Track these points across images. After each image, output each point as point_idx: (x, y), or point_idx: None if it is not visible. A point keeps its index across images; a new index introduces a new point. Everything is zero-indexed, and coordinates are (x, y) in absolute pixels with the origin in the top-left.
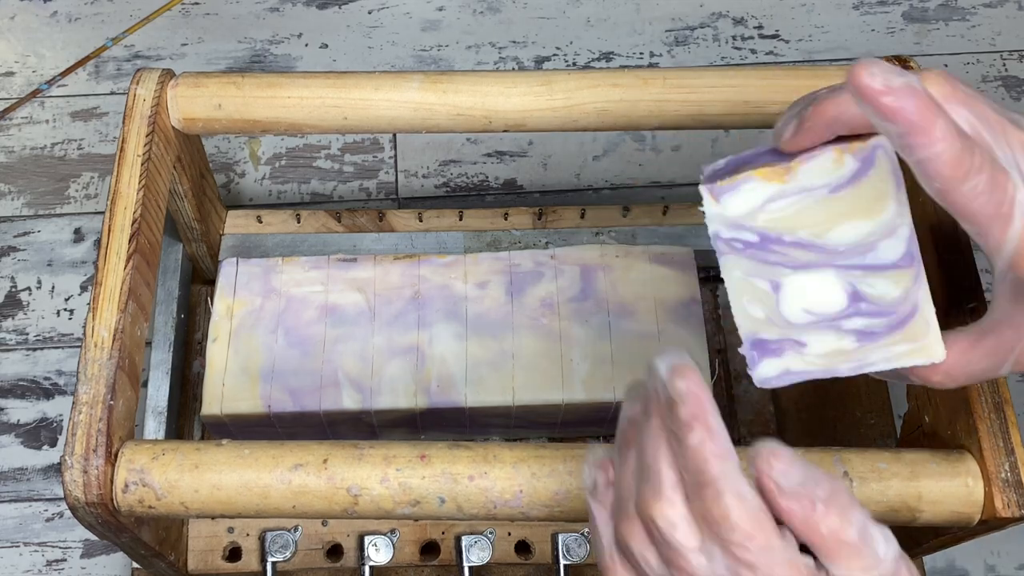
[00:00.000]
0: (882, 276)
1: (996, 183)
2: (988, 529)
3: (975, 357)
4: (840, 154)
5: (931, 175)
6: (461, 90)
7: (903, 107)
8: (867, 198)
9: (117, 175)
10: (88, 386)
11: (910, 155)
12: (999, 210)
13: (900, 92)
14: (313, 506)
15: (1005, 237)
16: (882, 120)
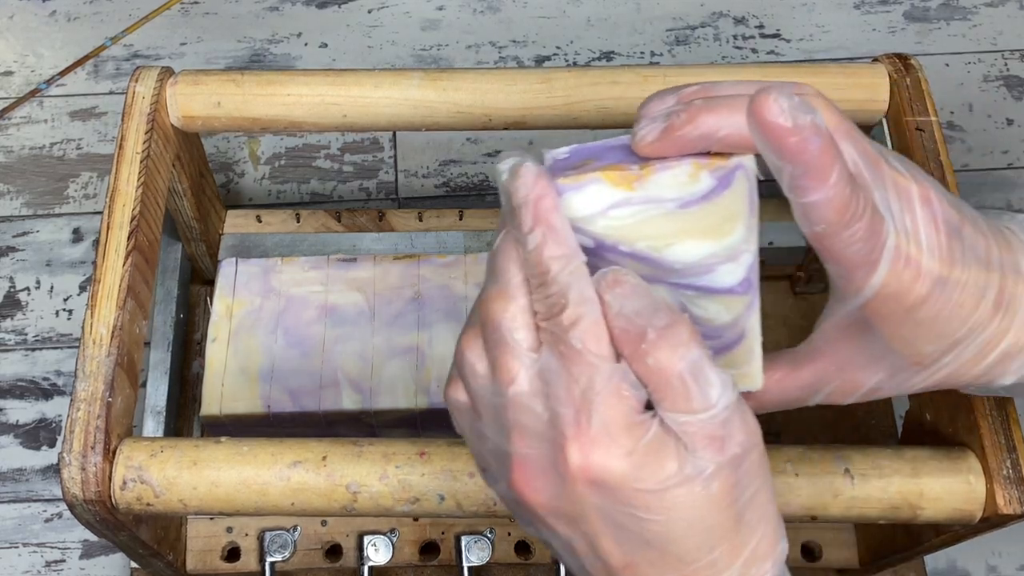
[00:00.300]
0: (714, 300)
1: (873, 230)
2: (990, 527)
3: (790, 386)
4: (697, 169)
5: (815, 219)
6: (461, 88)
7: (806, 150)
8: (716, 218)
9: (116, 172)
10: (86, 383)
11: (798, 196)
12: (868, 257)
13: (806, 132)
14: (312, 503)
15: (867, 283)
16: (778, 158)
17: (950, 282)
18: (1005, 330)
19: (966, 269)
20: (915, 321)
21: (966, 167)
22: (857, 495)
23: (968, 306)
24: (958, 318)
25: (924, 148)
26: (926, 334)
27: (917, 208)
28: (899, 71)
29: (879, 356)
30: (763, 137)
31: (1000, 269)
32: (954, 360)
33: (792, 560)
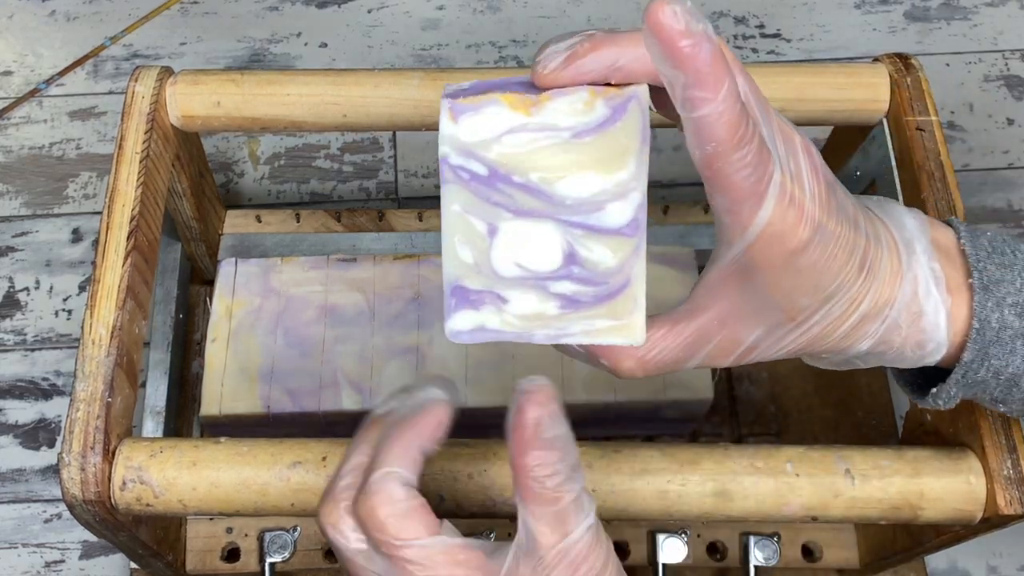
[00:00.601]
0: (602, 240)
1: (762, 158)
2: (990, 527)
3: (670, 345)
4: (593, 97)
5: (705, 136)
6: None
7: (699, 55)
8: (608, 151)
9: (115, 172)
10: (86, 383)
11: (690, 110)
12: (757, 188)
13: (699, 38)
14: (312, 504)
15: (754, 219)
16: (671, 66)
17: (827, 231)
18: (866, 291)
19: (840, 224)
20: (795, 268)
21: (967, 167)
22: (858, 495)
23: (840, 260)
24: (831, 271)
25: (925, 148)
26: (803, 284)
27: (800, 155)
28: (900, 71)
29: (758, 309)
30: (656, 41)
31: (865, 233)
32: (824, 317)
33: (792, 560)
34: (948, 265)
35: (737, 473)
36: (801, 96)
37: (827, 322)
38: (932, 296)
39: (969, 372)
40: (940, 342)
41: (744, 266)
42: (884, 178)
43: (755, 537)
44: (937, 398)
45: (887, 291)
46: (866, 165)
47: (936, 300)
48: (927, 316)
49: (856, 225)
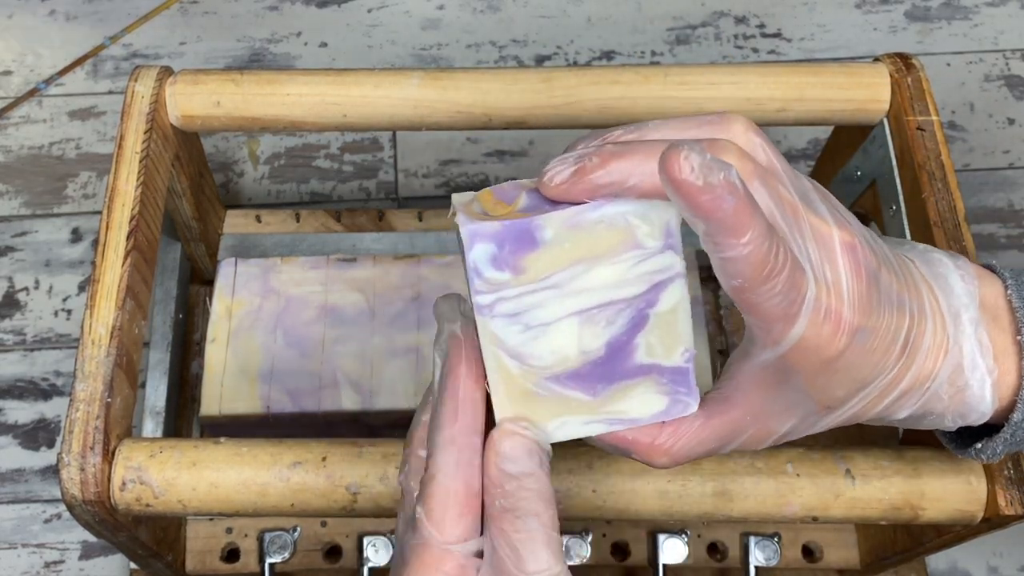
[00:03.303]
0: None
1: (794, 283)
2: (991, 527)
3: (702, 438)
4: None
5: (731, 272)
6: (461, 87)
7: (720, 208)
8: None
9: (115, 172)
10: (85, 383)
11: (714, 251)
12: (788, 311)
13: (719, 191)
14: (312, 504)
15: (785, 336)
16: (691, 214)
17: (867, 330)
18: (906, 370)
19: (881, 316)
20: (832, 370)
21: (967, 167)
22: (858, 496)
23: (880, 351)
24: (870, 364)
25: (925, 148)
26: (840, 380)
27: (839, 256)
28: (900, 71)
29: (792, 404)
30: (675, 193)
31: (909, 312)
32: (860, 402)
33: (793, 561)
34: (995, 328)
35: (737, 473)
36: (801, 96)
37: (863, 405)
38: (978, 369)
39: (1018, 431)
40: (984, 411)
41: (777, 368)
42: (885, 178)
43: (755, 537)
44: (981, 453)
45: (929, 365)
46: (867, 165)
47: (982, 372)
48: (972, 389)
49: (900, 306)
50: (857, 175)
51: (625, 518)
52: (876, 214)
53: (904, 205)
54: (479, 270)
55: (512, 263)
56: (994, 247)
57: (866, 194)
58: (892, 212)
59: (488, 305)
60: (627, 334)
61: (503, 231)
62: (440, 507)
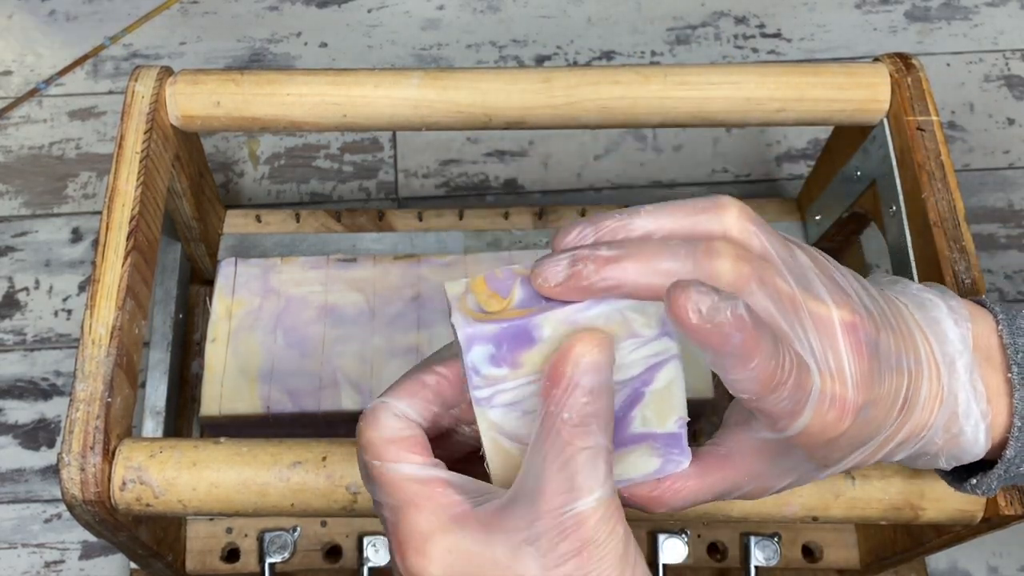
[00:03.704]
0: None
1: (799, 385)
2: (991, 527)
3: (700, 490)
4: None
5: (739, 390)
6: (461, 87)
7: (728, 343)
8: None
9: (115, 172)
10: (85, 383)
11: (723, 374)
12: (794, 409)
13: (727, 329)
14: (312, 504)
15: (791, 427)
16: (700, 346)
17: (872, 402)
18: (903, 425)
19: (883, 386)
20: (835, 445)
21: (967, 167)
22: (858, 496)
23: (882, 417)
24: (870, 430)
25: (925, 148)
26: (842, 448)
27: (840, 339)
28: (900, 71)
29: (792, 468)
30: (683, 331)
31: (907, 370)
32: (857, 457)
33: (793, 560)
34: (988, 368)
35: None
36: (801, 96)
37: (862, 458)
38: (972, 414)
39: (1011, 467)
40: (977, 453)
41: (779, 443)
42: (885, 178)
43: (755, 537)
44: (977, 489)
45: (925, 416)
46: (867, 165)
47: (976, 418)
48: (966, 435)
49: (899, 368)
50: (857, 175)
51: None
52: (876, 214)
53: (904, 205)
54: (477, 369)
55: (511, 360)
56: (994, 247)
57: (866, 194)
58: (892, 212)
59: (486, 398)
60: (623, 410)
61: (500, 333)
62: (391, 447)
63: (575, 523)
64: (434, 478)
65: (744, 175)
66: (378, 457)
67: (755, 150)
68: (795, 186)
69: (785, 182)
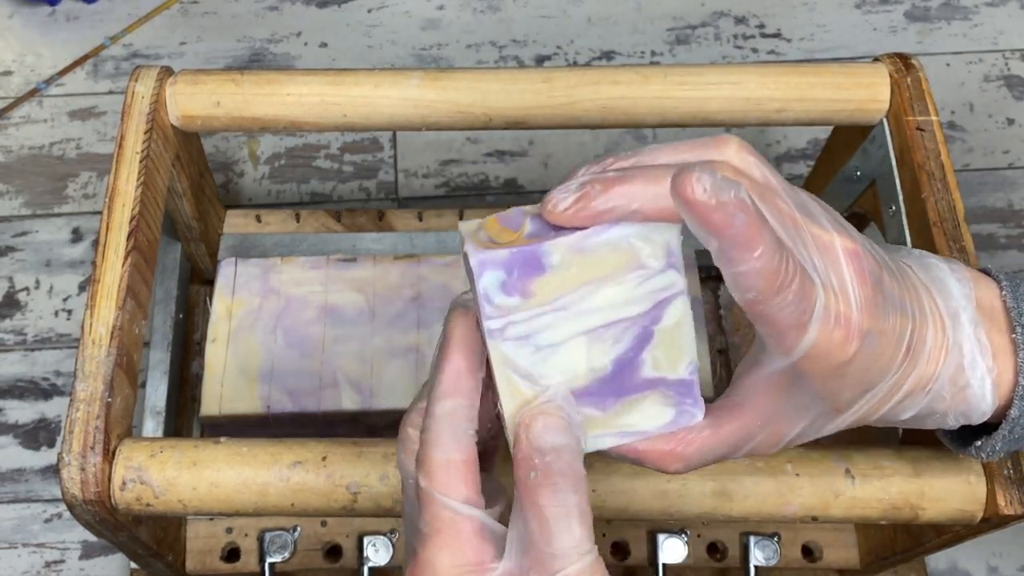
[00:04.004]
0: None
1: (804, 292)
2: (990, 527)
3: (715, 443)
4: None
5: (744, 286)
6: (461, 87)
7: (732, 225)
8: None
9: (115, 172)
10: (86, 383)
11: (726, 266)
12: (800, 319)
13: (731, 208)
14: (312, 504)
15: (798, 345)
16: (704, 232)
17: (875, 333)
18: (910, 371)
19: (887, 319)
20: (843, 373)
21: (967, 167)
22: (858, 495)
23: (888, 353)
24: (879, 366)
25: (925, 148)
26: (851, 383)
27: (843, 263)
28: (900, 71)
29: (803, 407)
30: (688, 214)
31: (911, 315)
32: (867, 403)
33: (792, 560)
34: (993, 328)
35: (737, 473)
36: (801, 96)
37: (870, 406)
38: (978, 368)
39: (1016, 428)
40: (985, 410)
41: (788, 374)
42: (884, 178)
43: (755, 537)
44: (981, 451)
45: (931, 367)
46: (866, 165)
47: (982, 371)
48: (972, 388)
49: (903, 309)
50: (857, 175)
51: (625, 518)
52: (876, 214)
53: (904, 205)
54: (489, 297)
55: (521, 288)
56: (994, 247)
57: (866, 194)
58: (892, 212)
59: (499, 329)
60: (633, 350)
61: (511, 258)
62: (443, 473)
63: None
64: (472, 519)
65: None
66: (430, 479)
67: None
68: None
69: None
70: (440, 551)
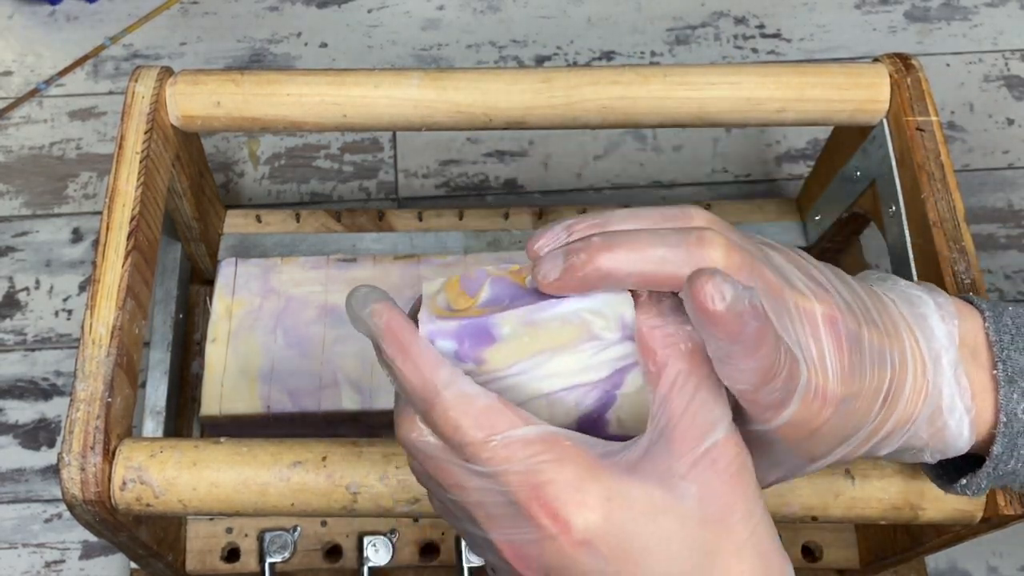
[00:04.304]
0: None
1: (791, 377)
2: (990, 527)
3: None
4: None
5: (738, 381)
6: (461, 87)
7: (743, 331)
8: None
9: (115, 172)
10: (86, 383)
11: (724, 363)
12: (784, 400)
13: (745, 317)
14: (312, 504)
15: (777, 418)
16: (711, 334)
17: (853, 395)
18: (887, 418)
19: (864, 379)
20: (816, 436)
21: (967, 167)
22: (858, 495)
23: (864, 409)
24: (854, 422)
25: (925, 148)
26: (825, 441)
27: (822, 332)
28: (900, 71)
29: (778, 462)
30: (701, 320)
31: (891, 364)
32: (843, 450)
33: (793, 560)
34: (974, 365)
35: None
36: (801, 96)
37: (845, 453)
38: (956, 410)
39: (1000, 464)
40: (961, 447)
41: (762, 436)
42: (884, 178)
43: None
44: (967, 489)
45: (909, 410)
46: (866, 165)
47: (960, 412)
48: (950, 428)
49: (881, 362)
50: (857, 175)
51: None
52: (876, 214)
53: (904, 205)
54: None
55: (473, 356)
56: (994, 247)
57: (866, 194)
58: (892, 212)
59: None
60: (597, 411)
61: (460, 329)
62: (488, 418)
63: (717, 455)
64: (557, 434)
65: (744, 175)
66: (492, 430)
67: (755, 150)
68: (795, 186)
69: (785, 182)
70: (562, 468)
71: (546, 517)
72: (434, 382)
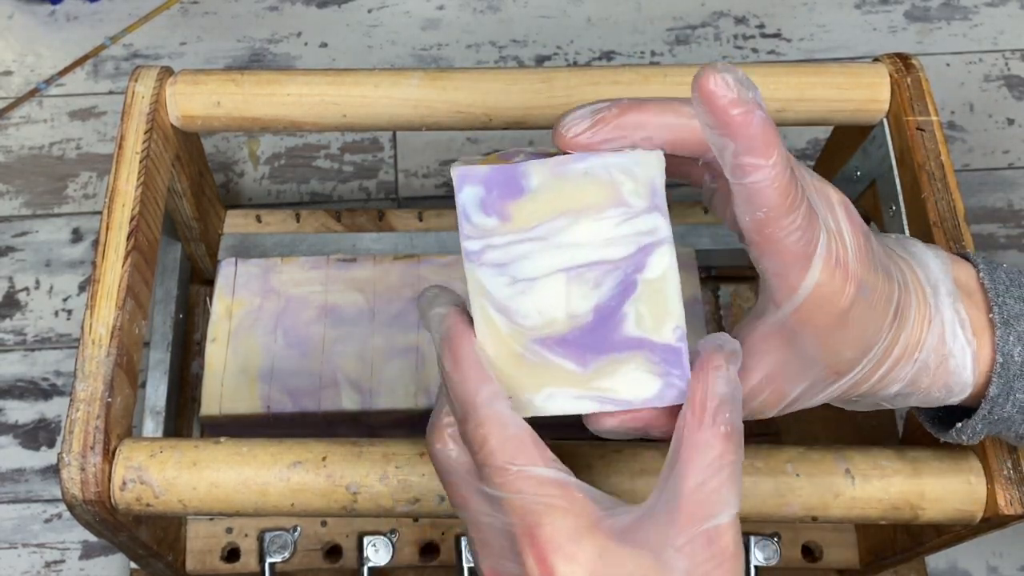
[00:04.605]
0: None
1: (811, 221)
2: (990, 527)
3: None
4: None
5: (757, 202)
6: (461, 87)
7: (750, 123)
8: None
9: (115, 172)
10: (86, 383)
11: (741, 176)
12: (806, 250)
13: (749, 106)
14: (312, 504)
15: (802, 282)
16: (720, 133)
17: (870, 286)
18: (898, 336)
19: (878, 275)
20: (842, 325)
21: (967, 167)
22: (858, 495)
23: (880, 311)
24: (874, 323)
25: (925, 148)
26: (849, 339)
27: (839, 211)
28: (900, 71)
29: (804, 366)
30: (706, 109)
31: (897, 281)
32: (863, 367)
33: (792, 560)
34: (970, 305)
35: None
36: (801, 96)
37: (865, 371)
38: (959, 338)
39: (995, 407)
40: (966, 383)
41: (791, 327)
42: (884, 178)
43: (755, 537)
44: (962, 433)
45: (916, 334)
46: (866, 165)
47: (963, 342)
48: (954, 358)
49: (889, 274)
50: (857, 175)
51: None
52: (876, 214)
53: (904, 205)
54: (468, 213)
55: (499, 209)
56: (994, 247)
57: (866, 194)
58: (892, 212)
59: (476, 252)
60: (616, 299)
61: (491, 175)
62: (513, 446)
63: (716, 536)
64: (570, 483)
65: None
66: (514, 459)
67: None
68: None
69: None
70: (564, 517)
71: (534, 558)
72: (475, 398)
